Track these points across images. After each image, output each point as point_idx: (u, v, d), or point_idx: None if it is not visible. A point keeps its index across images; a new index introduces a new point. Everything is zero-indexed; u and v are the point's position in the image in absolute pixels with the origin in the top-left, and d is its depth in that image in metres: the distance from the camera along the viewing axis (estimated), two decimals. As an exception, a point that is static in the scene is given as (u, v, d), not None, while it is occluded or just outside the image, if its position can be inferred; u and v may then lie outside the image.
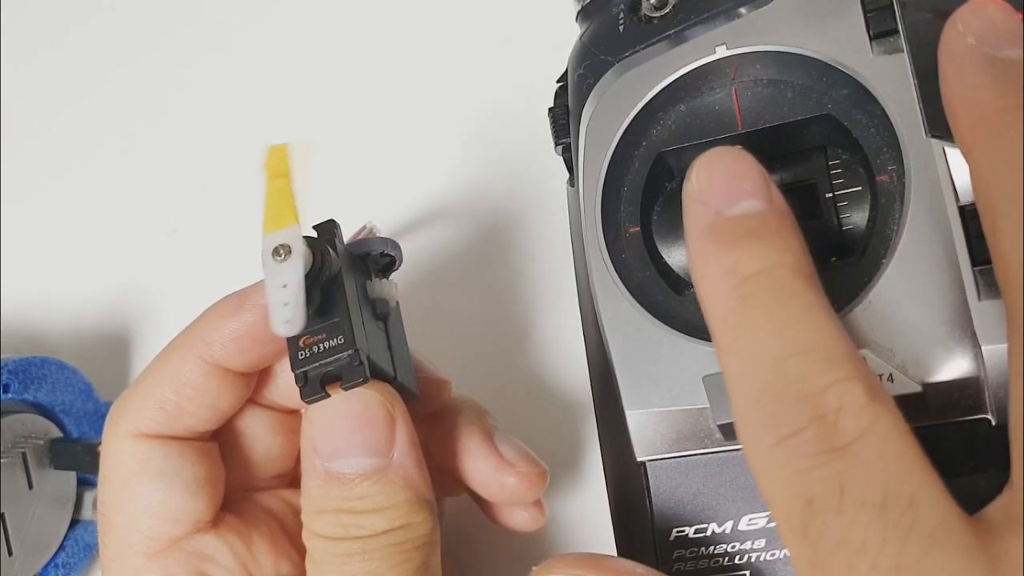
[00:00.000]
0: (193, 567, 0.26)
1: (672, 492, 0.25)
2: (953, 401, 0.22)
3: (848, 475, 0.18)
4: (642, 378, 0.25)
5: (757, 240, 0.21)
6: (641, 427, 0.25)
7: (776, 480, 0.19)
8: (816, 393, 0.19)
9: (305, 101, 0.43)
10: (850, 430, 0.19)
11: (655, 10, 0.27)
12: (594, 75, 0.28)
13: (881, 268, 0.23)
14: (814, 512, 0.18)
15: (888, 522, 0.18)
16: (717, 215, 0.21)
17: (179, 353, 0.27)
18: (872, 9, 0.25)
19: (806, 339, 0.20)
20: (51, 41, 0.49)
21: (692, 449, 0.25)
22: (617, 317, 0.26)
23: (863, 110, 0.25)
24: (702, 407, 0.24)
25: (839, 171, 0.26)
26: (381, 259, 0.27)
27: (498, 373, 0.35)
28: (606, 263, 0.26)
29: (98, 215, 0.45)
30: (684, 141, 0.27)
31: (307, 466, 0.25)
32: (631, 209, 0.27)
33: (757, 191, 0.21)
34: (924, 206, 0.23)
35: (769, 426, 0.19)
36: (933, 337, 0.22)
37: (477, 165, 0.38)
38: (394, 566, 0.24)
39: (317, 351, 0.24)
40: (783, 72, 0.26)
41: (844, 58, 0.25)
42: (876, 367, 0.22)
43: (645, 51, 0.27)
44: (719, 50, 0.26)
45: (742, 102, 0.26)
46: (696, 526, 0.25)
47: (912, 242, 0.23)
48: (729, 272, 0.20)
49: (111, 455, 0.27)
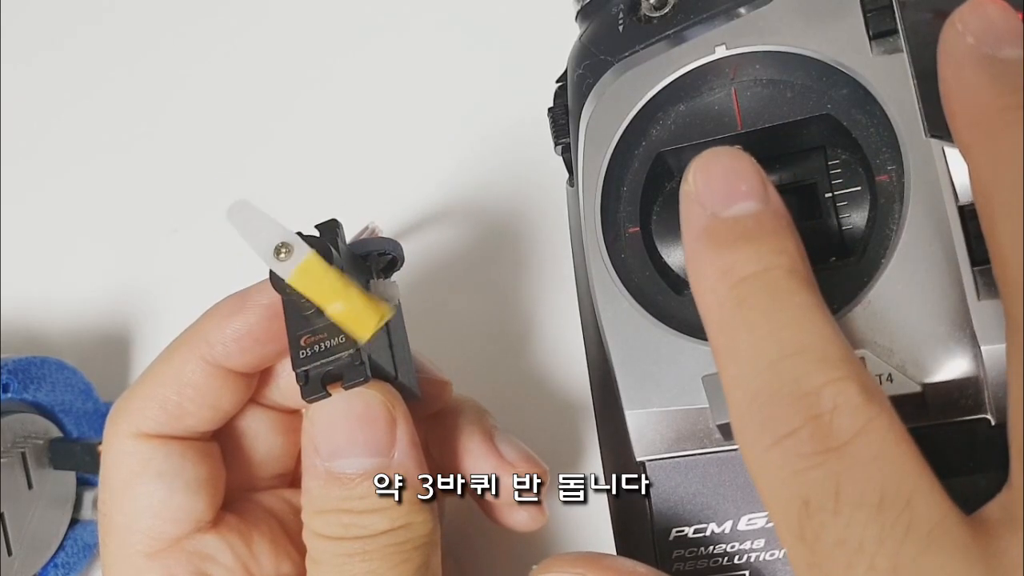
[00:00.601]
0: (194, 567, 0.26)
1: (671, 492, 0.25)
2: (952, 401, 0.22)
3: (844, 476, 0.18)
4: (641, 378, 0.25)
5: (752, 241, 0.21)
6: (641, 427, 0.25)
7: (773, 481, 0.19)
8: (811, 393, 0.19)
9: (306, 101, 0.43)
10: (845, 430, 0.19)
11: (655, 10, 0.27)
12: (593, 75, 0.28)
13: (881, 268, 0.23)
14: (811, 513, 0.18)
15: (885, 522, 0.18)
16: (713, 216, 0.21)
17: (181, 353, 0.27)
18: (872, 9, 0.25)
19: (801, 340, 0.20)
20: (51, 41, 0.49)
21: (691, 449, 0.25)
22: (617, 317, 0.26)
23: (863, 110, 0.25)
24: (701, 407, 0.24)
25: (839, 171, 0.26)
26: (383, 259, 0.27)
27: (498, 373, 0.35)
28: (605, 263, 0.26)
29: (98, 215, 0.45)
30: (684, 141, 0.27)
31: (308, 466, 0.25)
32: (630, 209, 0.27)
33: (753, 192, 0.21)
34: (924, 206, 0.23)
35: (765, 427, 0.19)
36: (932, 337, 0.22)
37: (477, 165, 0.38)
38: (394, 566, 0.24)
39: (318, 350, 0.24)
40: (783, 72, 0.26)
41: (844, 58, 0.25)
42: (875, 367, 0.22)
43: (645, 51, 0.27)
44: (719, 50, 0.26)
45: (742, 102, 0.26)
46: (695, 526, 0.25)
47: (912, 242, 0.23)
48: (725, 274, 0.20)
49: (112, 455, 0.27)
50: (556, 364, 0.35)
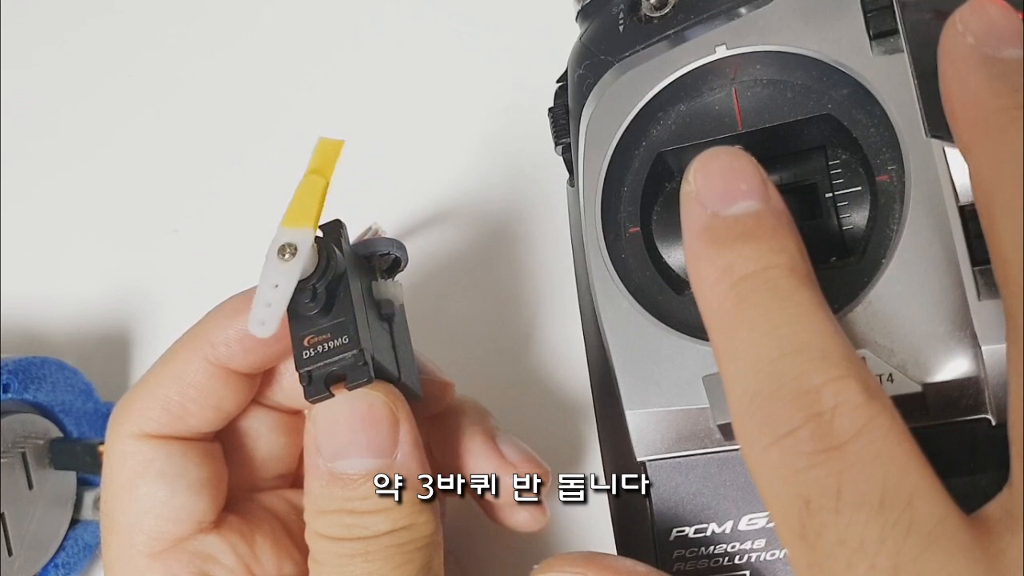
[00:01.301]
0: (195, 567, 0.26)
1: (672, 492, 0.25)
2: (953, 401, 0.22)
3: (845, 475, 0.18)
4: (642, 378, 0.25)
5: (752, 240, 0.21)
6: (641, 427, 0.25)
7: (773, 480, 0.19)
8: (811, 392, 0.19)
9: (307, 101, 0.43)
10: (846, 429, 0.18)
11: (655, 10, 0.27)
12: (594, 75, 0.28)
13: (881, 268, 0.23)
14: (812, 512, 0.18)
15: (886, 522, 0.18)
16: (713, 215, 0.21)
17: (183, 353, 0.27)
18: (872, 9, 0.25)
19: (801, 338, 0.19)
20: (51, 41, 0.49)
21: (692, 449, 0.25)
22: (617, 317, 0.26)
23: (863, 110, 0.25)
24: (702, 407, 0.24)
25: (839, 171, 0.26)
26: (386, 259, 0.27)
27: (500, 373, 0.35)
28: (606, 263, 0.26)
29: (98, 215, 0.45)
30: (684, 141, 0.27)
31: (310, 466, 0.25)
32: (631, 209, 0.27)
33: (753, 191, 0.21)
34: (924, 206, 0.23)
35: (765, 426, 0.19)
36: (933, 337, 0.22)
37: (479, 166, 0.38)
38: (396, 567, 0.24)
39: (321, 351, 0.24)
40: (783, 72, 0.26)
41: (844, 58, 0.25)
42: (876, 367, 0.22)
43: (645, 51, 0.27)
44: (719, 50, 0.26)
45: (742, 102, 0.26)
46: (696, 526, 0.24)
47: (912, 242, 0.23)
48: (725, 272, 0.20)
49: (114, 455, 0.27)
50: (557, 365, 0.35)
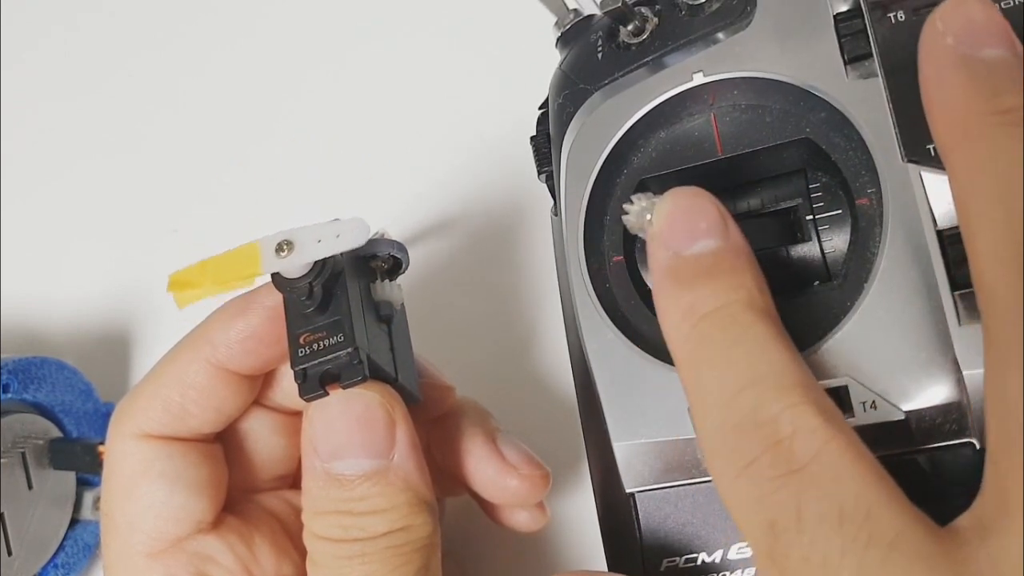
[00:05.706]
0: (194, 567, 0.26)
1: (661, 523, 0.25)
2: (937, 426, 0.22)
3: (804, 495, 0.19)
4: (629, 409, 0.25)
5: (711, 279, 0.21)
6: (629, 459, 0.25)
7: (743, 509, 0.20)
8: (769, 421, 0.19)
9: (307, 101, 0.43)
10: (804, 452, 0.19)
11: (633, 36, 0.27)
12: (574, 103, 0.28)
13: (863, 293, 0.23)
14: (777, 534, 0.19)
15: (846, 536, 0.18)
16: (675, 256, 0.22)
17: (185, 354, 0.27)
18: (846, 34, 0.24)
19: (757, 370, 0.20)
20: (51, 40, 0.49)
21: (680, 480, 0.25)
22: (602, 348, 0.26)
23: (840, 134, 0.25)
24: (688, 437, 0.24)
25: (819, 194, 0.26)
26: (387, 261, 0.27)
27: (500, 375, 0.35)
28: (590, 294, 0.26)
29: (98, 215, 0.45)
30: (665, 168, 0.26)
31: (307, 467, 0.25)
32: (614, 238, 0.27)
33: (712, 229, 0.22)
34: (903, 231, 0.23)
35: (731, 459, 0.20)
36: (915, 363, 0.22)
37: (480, 167, 0.39)
38: (393, 569, 0.24)
39: (317, 349, 0.24)
40: (761, 97, 0.26)
41: (819, 83, 0.24)
42: (859, 394, 0.22)
43: (624, 78, 0.27)
44: (696, 77, 0.26)
45: (721, 127, 0.26)
46: (686, 556, 0.25)
47: (892, 267, 0.23)
48: (688, 312, 0.21)
49: (115, 455, 0.27)
50: (557, 365, 0.35)
